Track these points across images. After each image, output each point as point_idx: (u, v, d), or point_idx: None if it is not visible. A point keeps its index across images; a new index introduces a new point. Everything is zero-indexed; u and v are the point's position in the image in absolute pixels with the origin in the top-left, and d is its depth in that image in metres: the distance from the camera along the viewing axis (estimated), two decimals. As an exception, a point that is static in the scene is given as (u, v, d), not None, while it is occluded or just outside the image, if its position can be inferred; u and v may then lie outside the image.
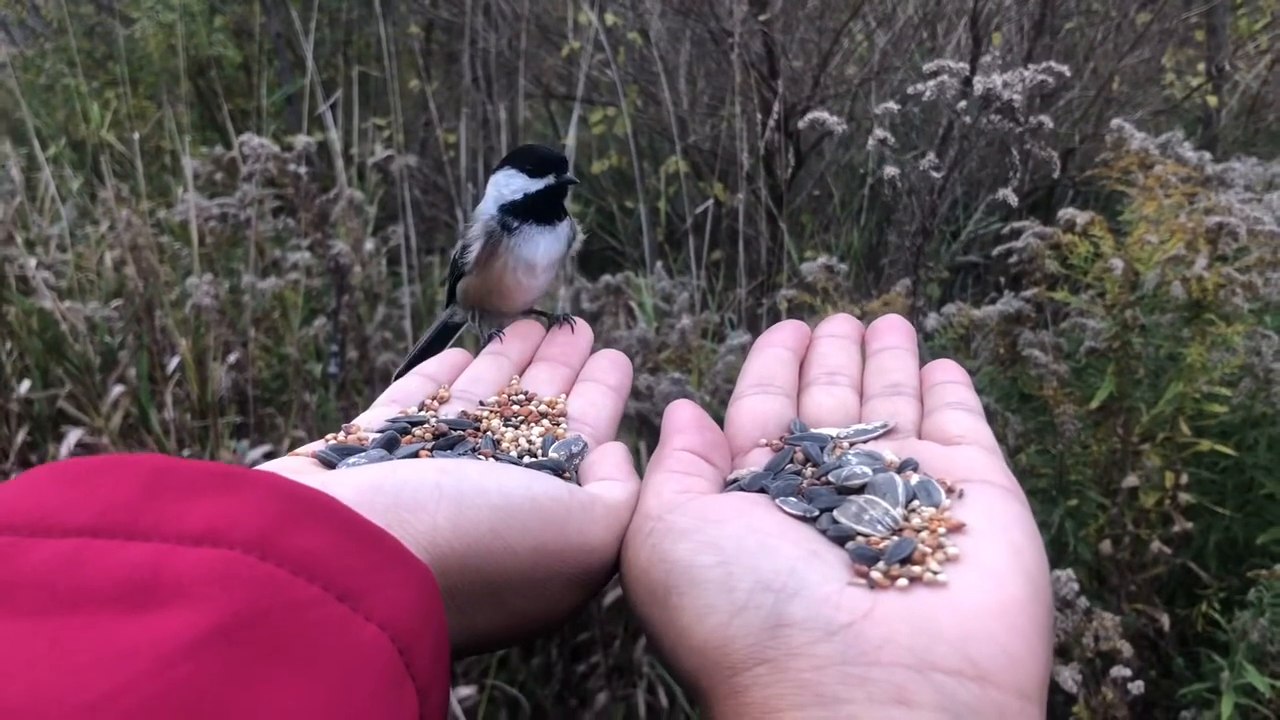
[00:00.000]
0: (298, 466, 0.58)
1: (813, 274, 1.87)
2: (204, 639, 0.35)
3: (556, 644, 2.09)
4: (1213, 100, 3.52)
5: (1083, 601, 1.37)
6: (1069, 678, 1.30)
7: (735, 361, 1.92)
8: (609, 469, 0.62)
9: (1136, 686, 1.31)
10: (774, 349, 0.73)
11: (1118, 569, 1.87)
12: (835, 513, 0.54)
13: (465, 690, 1.92)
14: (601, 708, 2.00)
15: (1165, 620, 1.81)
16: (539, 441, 0.66)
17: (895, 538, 0.52)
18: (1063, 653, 1.39)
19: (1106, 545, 1.84)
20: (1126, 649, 1.34)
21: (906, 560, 0.50)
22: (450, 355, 0.77)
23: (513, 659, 2.09)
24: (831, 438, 0.63)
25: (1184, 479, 1.83)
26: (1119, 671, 1.32)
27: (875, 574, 0.49)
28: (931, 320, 1.90)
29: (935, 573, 0.49)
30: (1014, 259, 1.97)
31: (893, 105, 1.55)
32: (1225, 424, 1.93)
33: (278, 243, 2.80)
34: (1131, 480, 1.81)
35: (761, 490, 0.58)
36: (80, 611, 0.35)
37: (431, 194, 3.89)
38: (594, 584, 0.57)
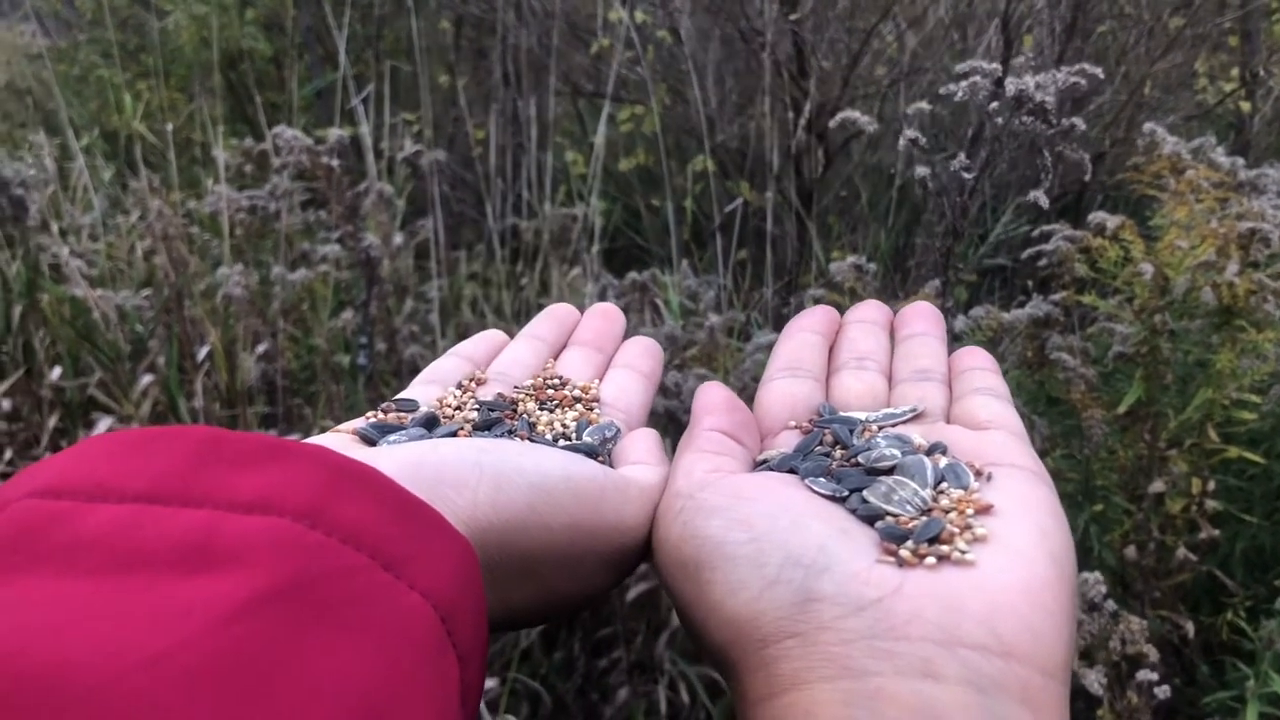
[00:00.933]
0: (340, 443, 0.59)
1: (841, 274, 1.87)
2: (257, 600, 0.36)
3: (579, 638, 2.10)
4: (1246, 106, 3.49)
5: (1110, 604, 1.37)
6: (1094, 680, 1.30)
7: (762, 359, 1.93)
8: (641, 453, 0.63)
9: (1163, 691, 1.30)
10: (803, 334, 0.73)
11: (1142, 575, 1.86)
12: (865, 493, 0.54)
13: (488, 683, 1.93)
14: (623, 703, 2.00)
15: (1190, 627, 1.80)
16: (573, 425, 0.66)
17: (924, 518, 0.52)
18: (1088, 655, 1.39)
19: (1131, 551, 1.84)
20: (1153, 653, 1.33)
21: (935, 540, 0.50)
22: (487, 337, 0.77)
23: (535, 652, 2.10)
24: (860, 421, 0.63)
25: (1211, 486, 1.82)
26: (1145, 676, 1.31)
27: (904, 552, 0.49)
28: (960, 322, 1.90)
29: (963, 552, 0.49)
30: (1043, 262, 1.97)
31: (924, 105, 1.55)
32: (1254, 431, 1.92)
33: (307, 235, 2.82)
34: (1158, 486, 1.81)
35: (791, 471, 0.58)
36: (138, 572, 0.36)
37: (460, 189, 3.91)
38: (627, 563, 0.58)
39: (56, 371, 2.46)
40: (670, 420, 1.89)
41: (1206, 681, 1.91)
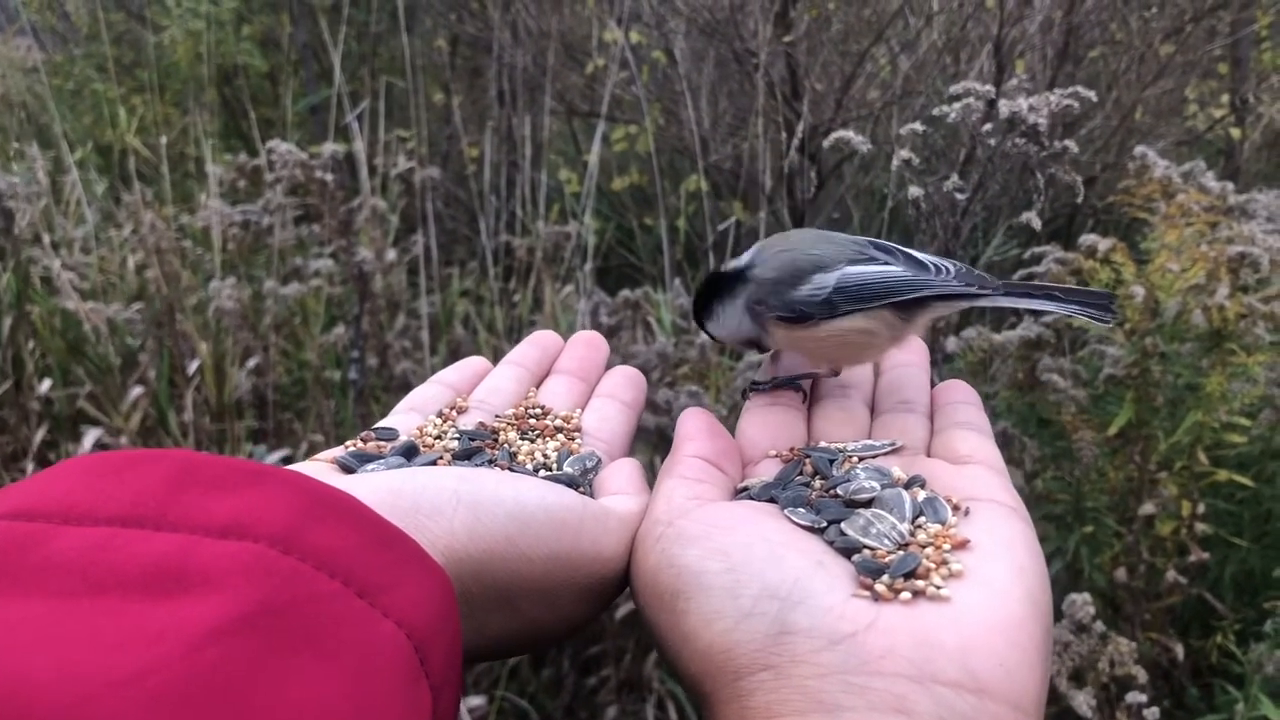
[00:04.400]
0: (319, 471, 0.59)
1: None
2: (229, 626, 0.36)
3: (568, 657, 2.09)
4: (1236, 133, 3.52)
5: (1099, 626, 1.37)
6: (1084, 702, 1.29)
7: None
8: (622, 483, 0.63)
9: (1152, 713, 1.30)
10: (788, 360, 0.74)
11: (1132, 597, 1.86)
12: (843, 525, 0.55)
13: (475, 700, 1.92)
14: (610, 721, 1.99)
15: (1179, 650, 1.80)
16: (554, 455, 0.67)
17: (901, 552, 0.53)
18: (1078, 677, 1.38)
19: (1121, 573, 1.84)
20: (1142, 675, 1.33)
21: (911, 574, 0.51)
22: (470, 364, 0.77)
23: (523, 670, 2.09)
24: (841, 451, 0.64)
25: (1201, 509, 1.83)
26: (1134, 698, 1.31)
27: (880, 586, 0.50)
28: (951, 343, 1.90)
29: (938, 587, 0.50)
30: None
31: (917, 126, 1.56)
32: (1243, 455, 1.92)
33: (300, 250, 2.82)
34: (1148, 508, 1.81)
35: (771, 500, 0.59)
36: (110, 595, 0.36)
37: (453, 206, 3.91)
38: (606, 595, 0.58)
39: (46, 383, 2.45)
40: (660, 437, 1.88)
41: (1195, 705, 1.91)
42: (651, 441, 1.92)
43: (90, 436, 2.31)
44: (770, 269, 0.73)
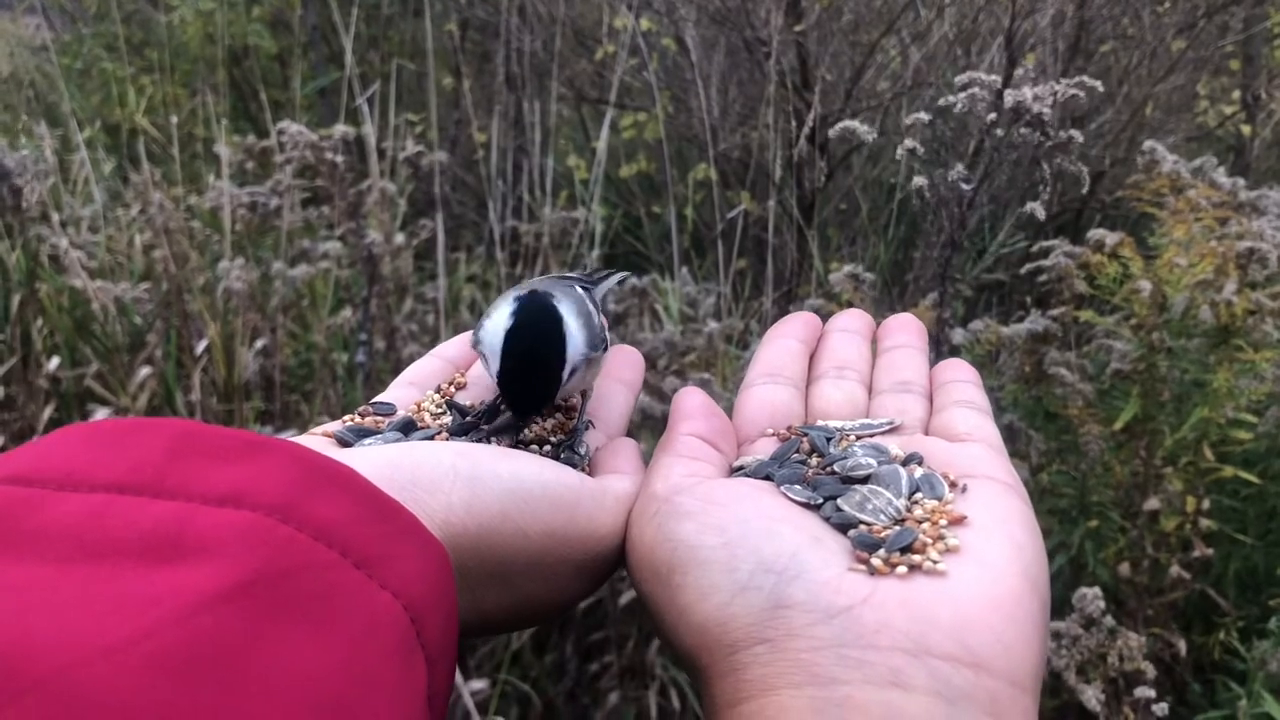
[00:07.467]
0: (315, 444, 0.59)
1: (839, 284, 1.87)
2: (225, 593, 0.36)
3: (570, 642, 2.09)
4: (1246, 129, 3.51)
5: (1108, 620, 1.37)
6: (1092, 696, 1.29)
7: (759, 368, 1.93)
8: (620, 462, 0.63)
9: (1160, 709, 1.30)
10: (785, 340, 0.73)
11: (1136, 592, 1.87)
12: (839, 501, 0.55)
13: (477, 684, 1.92)
14: (613, 708, 2.00)
15: (1182, 646, 1.80)
16: (552, 433, 0.66)
17: (897, 527, 0.52)
18: (1085, 671, 1.38)
19: (1125, 568, 1.84)
20: (1150, 670, 1.33)
21: (907, 549, 0.50)
22: (469, 338, 0.77)
23: (526, 655, 2.10)
24: (838, 429, 0.64)
25: (1206, 505, 1.83)
26: (1143, 693, 1.31)
27: (876, 561, 0.50)
28: (958, 335, 1.90)
29: (935, 562, 0.49)
30: (1043, 277, 1.97)
31: (924, 115, 1.56)
32: (1249, 451, 1.92)
33: (308, 232, 2.82)
34: (1153, 503, 1.81)
35: (767, 477, 0.59)
36: (105, 562, 0.36)
37: (460, 191, 3.91)
38: (602, 572, 0.58)
39: (54, 362, 2.45)
40: (667, 425, 1.88)
41: (1197, 701, 1.91)
42: (659, 430, 1.92)
43: (98, 415, 2.31)
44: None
